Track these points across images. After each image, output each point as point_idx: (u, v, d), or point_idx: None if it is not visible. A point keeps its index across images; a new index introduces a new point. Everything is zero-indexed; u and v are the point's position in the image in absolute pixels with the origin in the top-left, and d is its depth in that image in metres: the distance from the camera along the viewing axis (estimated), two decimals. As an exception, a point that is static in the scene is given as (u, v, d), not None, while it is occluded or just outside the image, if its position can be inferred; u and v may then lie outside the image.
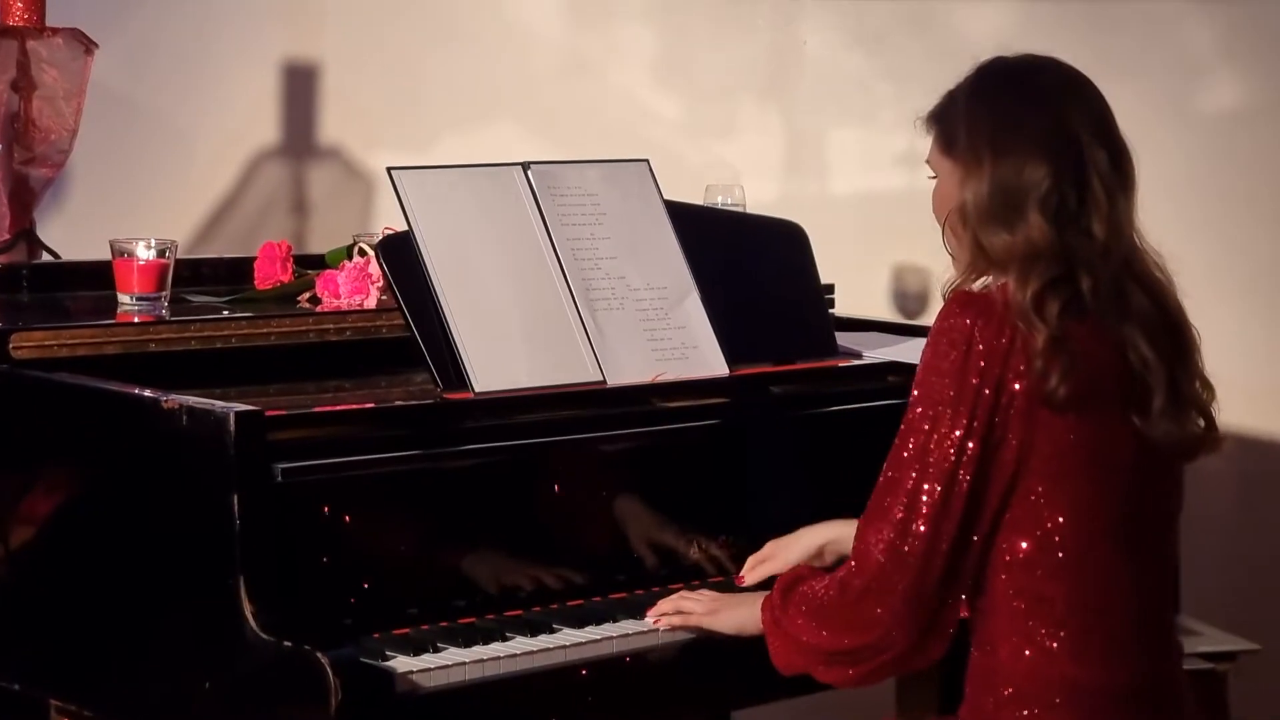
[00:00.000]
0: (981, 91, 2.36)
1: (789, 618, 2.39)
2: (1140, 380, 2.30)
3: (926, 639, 2.33)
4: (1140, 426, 2.31)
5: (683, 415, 2.76)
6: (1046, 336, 2.25)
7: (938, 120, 2.40)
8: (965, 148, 2.33)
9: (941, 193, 2.39)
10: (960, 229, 2.34)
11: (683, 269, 2.85)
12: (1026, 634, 2.31)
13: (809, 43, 4.30)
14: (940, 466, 2.27)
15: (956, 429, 2.27)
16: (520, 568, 2.57)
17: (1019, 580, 2.31)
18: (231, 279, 3.12)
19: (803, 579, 2.43)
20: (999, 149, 2.30)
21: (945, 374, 2.28)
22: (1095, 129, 2.32)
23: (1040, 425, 2.28)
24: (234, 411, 2.33)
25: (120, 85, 4.05)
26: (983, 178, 2.30)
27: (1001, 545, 2.31)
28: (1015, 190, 2.29)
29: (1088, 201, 2.30)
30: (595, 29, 4.33)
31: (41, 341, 2.61)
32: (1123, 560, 2.32)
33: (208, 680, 2.35)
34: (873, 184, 4.29)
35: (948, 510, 2.28)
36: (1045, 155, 2.29)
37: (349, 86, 4.26)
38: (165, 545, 2.42)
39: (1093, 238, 2.29)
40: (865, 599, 2.31)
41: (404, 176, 2.68)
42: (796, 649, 2.39)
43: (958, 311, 2.29)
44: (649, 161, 2.91)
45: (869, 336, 3.25)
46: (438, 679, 2.34)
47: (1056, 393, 2.25)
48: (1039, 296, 2.26)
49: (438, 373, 2.60)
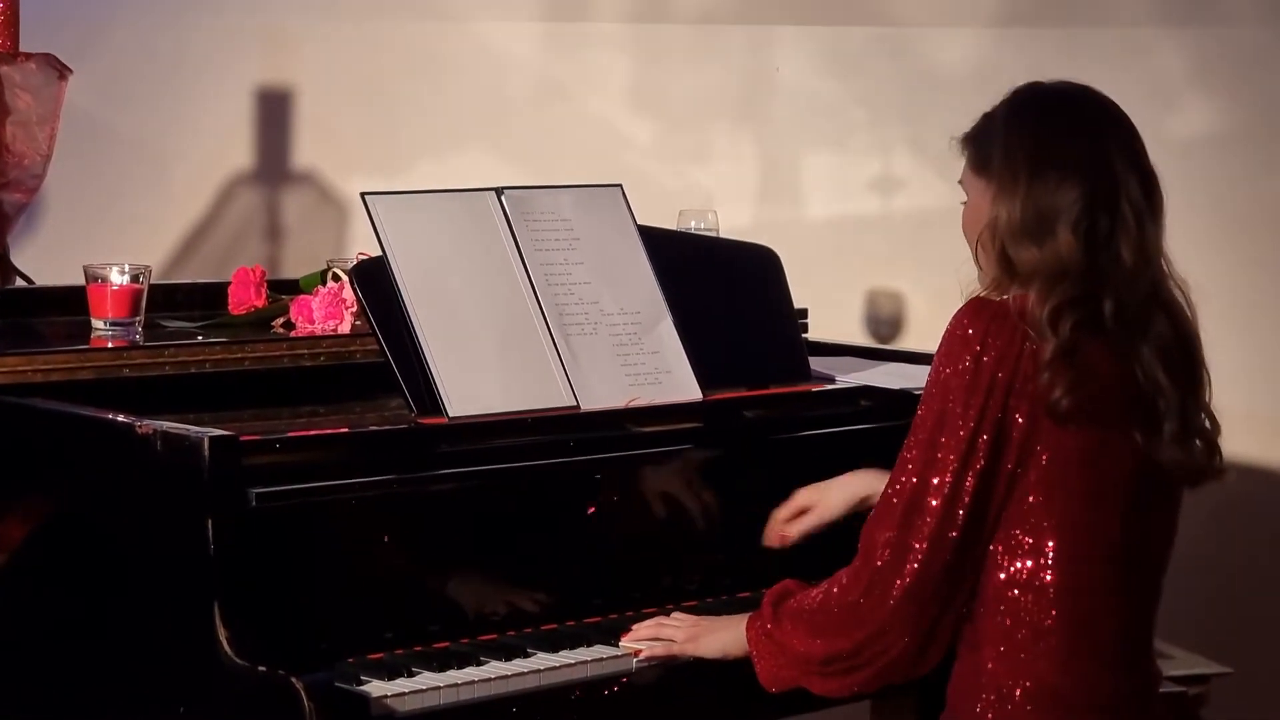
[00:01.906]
0: (1020, 114, 2.39)
1: (781, 629, 2.40)
2: (1150, 402, 2.33)
3: (926, 644, 2.34)
4: (1147, 449, 2.32)
5: (656, 440, 2.76)
6: (1055, 347, 2.28)
7: (973, 141, 2.43)
8: (1001, 167, 2.36)
9: (973, 212, 2.42)
10: (989, 243, 2.37)
11: (656, 294, 2.86)
12: (1012, 642, 2.32)
13: (782, 69, 4.31)
14: (946, 470, 2.30)
15: (964, 433, 2.29)
16: (495, 592, 2.57)
17: (1008, 589, 2.32)
18: (206, 304, 3.12)
19: (791, 592, 2.44)
20: (1035, 170, 2.33)
21: (954, 379, 2.30)
22: (1128, 157, 2.36)
23: (1042, 435, 2.30)
24: (208, 436, 2.33)
25: (95, 110, 4.05)
26: (1016, 196, 2.34)
27: (996, 551, 2.33)
28: (1048, 210, 2.32)
29: (1118, 226, 2.33)
30: (569, 55, 4.34)
31: (15, 367, 2.61)
32: (1114, 577, 2.34)
33: (182, 705, 2.34)
34: (846, 209, 4.31)
35: (952, 513, 2.30)
36: (1079, 178, 2.33)
37: (324, 112, 4.26)
38: (140, 571, 2.41)
39: (1120, 262, 2.33)
40: (867, 597, 2.33)
41: (378, 202, 2.69)
42: (789, 660, 2.39)
43: (970, 318, 2.32)
44: (622, 186, 2.92)
45: (842, 361, 3.26)
46: (412, 703, 2.34)
47: (1060, 404, 2.28)
48: (1057, 310, 2.29)
49: (412, 398, 2.61)
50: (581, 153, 4.24)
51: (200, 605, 2.30)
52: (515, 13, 4.28)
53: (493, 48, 4.32)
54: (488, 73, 4.31)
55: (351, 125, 4.27)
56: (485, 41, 4.32)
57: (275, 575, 2.38)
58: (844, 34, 4.28)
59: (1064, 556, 2.31)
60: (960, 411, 2.30)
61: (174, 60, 4.21)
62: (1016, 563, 2.32)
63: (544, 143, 4.26)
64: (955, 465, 2.29)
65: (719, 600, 2.74)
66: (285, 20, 4.29)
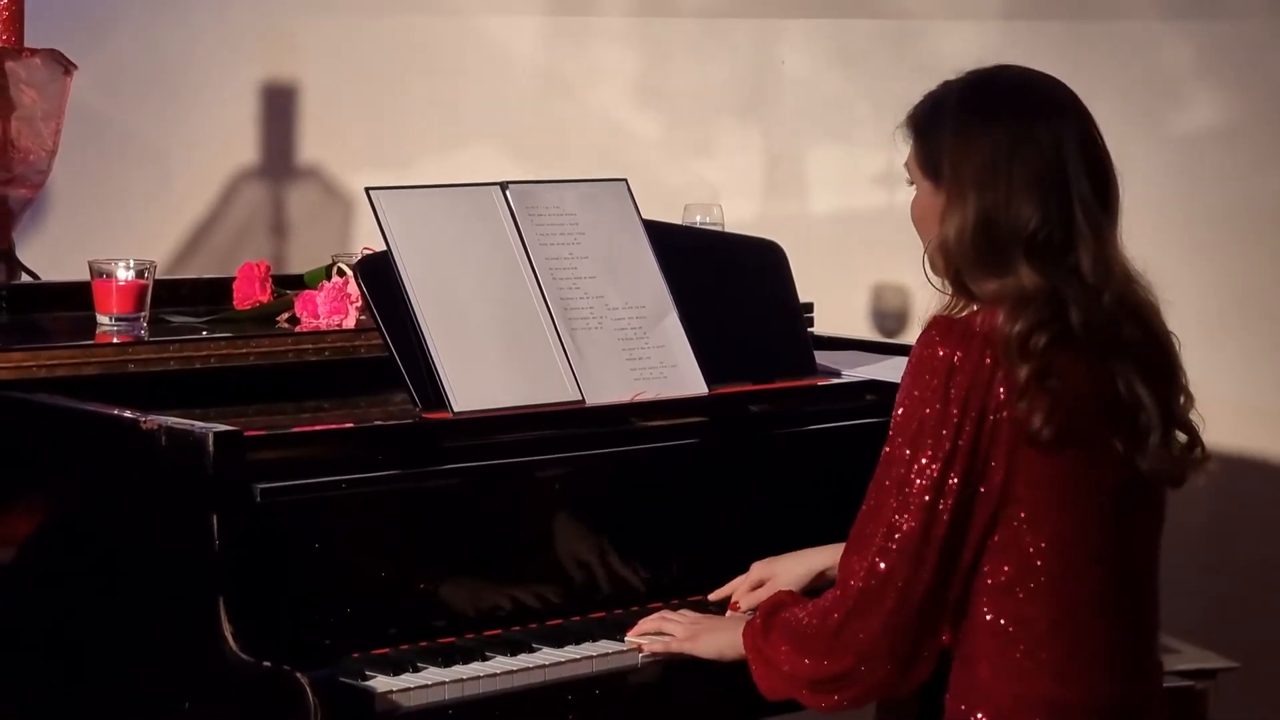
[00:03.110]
0: (967, 119, 2.31)
1: (771, 645, 2.39)
2: (1130, 412, 2.29)
3: (909, 666, 2.32)
4: (1129, 458, 2.29)
5: (661, 434, 2.76)
6: (1029, 373, 2.22)
7: (919, 132, 2.36)
8: (949, 181, 2.30)
9: (922, 208, 2.36)
10: (941, 264, 2.32)
11: (661, 288, 2.86)
12: (1007, 653, 2.31)
13: (787, 62, 4.31)
14: (920, 498, 2.26)
15: (937, 460, 2.25)
16: (500, 587, 2.57)
17: (1000, 601, 2.31)
18: (210, 299, 3.12)
19: (784, 605, 2.42)
20: (983, 185, 2.27)
21: (924, 404, 2.25)
22: (1080, 156, 2.29)
23: (1023, 457, 2.26)
24: (213, 432, 2.33)
25: (99, 106, 4.05)
26: (966, 220, 2.27)
27: (984, 568, 2.30)
28: (1000, 234, 2.26)
29: (1074, 238, 2.27)
30: (574, 49, 4.34)
31: (20, 362, 2.61)
32: (1105, 581, 2.32)
33: (187, 701, 2.34)
34: (851, 203, 4.30)
35: (928, 539, 2.26)
36: (1030, 195, 2.26)
37: (328, 107, 4.26)
38: (144, 566, 2.41)
39: (1080, 275, 2.27)
40: (846, 626, 2.30)
41: (382, 197, 2.69)
42: (779, 677, 2.38)
43: (936, 340, 2.26)
44: (627, 181, 2.91)
45: (848, 355, 3.26)
46: (417, 698, 2.34)
47: (1041, 433, 2.23)
48: (1026, 334, 2.23)
49: (416, 393, 2.61)
50: (586, 147, 4.23)
51: (205, 601, 2.30)
52: (519, 7, 4.28)
53: (497, 42, 4.31)
54: (492, 67, 4.31)
55: (356, 121, 4.27)
56: (489, 36, 4.32)
57: (280, 571, 2.38)
58: (849, 27, 4.27)
59: (1053, 569, 2.28)
60: (932, 439, 2.25)
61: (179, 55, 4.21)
62: (1005, 579, 2.29)
63: (549, 137, 4.26)
64: (930, 491, 2.25)
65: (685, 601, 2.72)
66: (289, 16, 4.29)
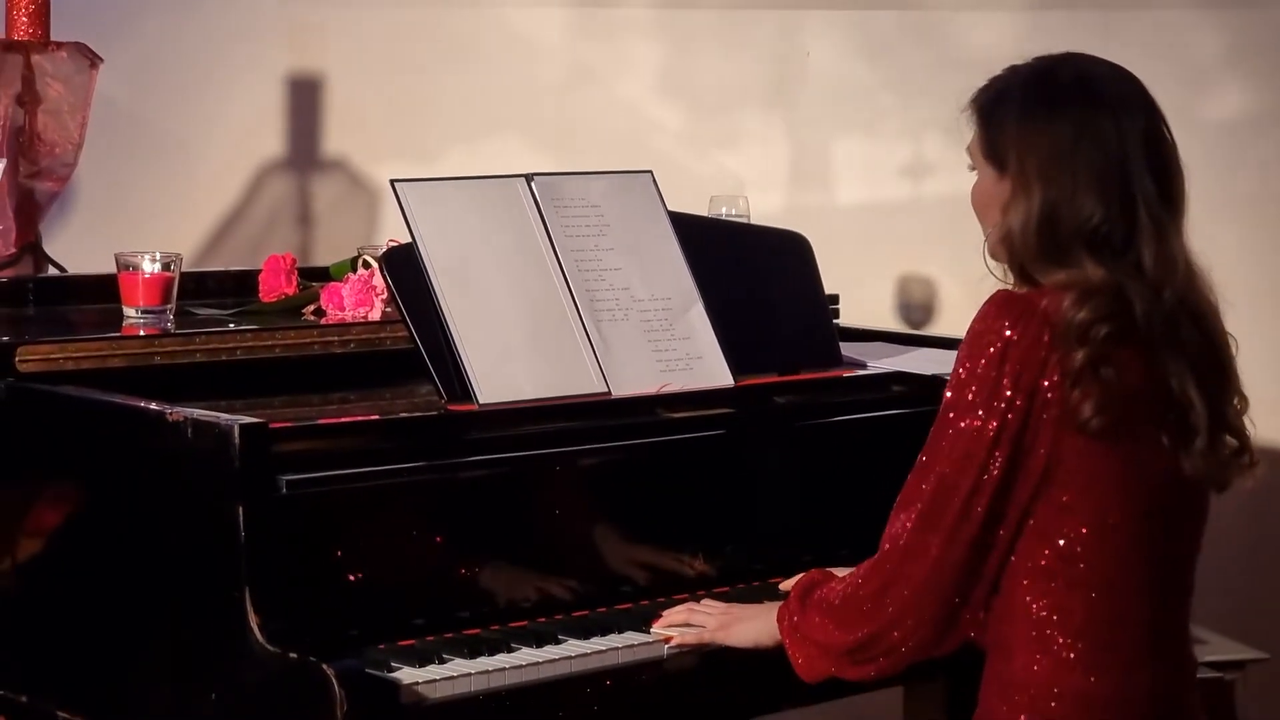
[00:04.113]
0: (1035, 108, 2.31)
1: (807, 620, 2.39)
2: (1180, 412, 2.29)
3: (944, 632, 2.33)
4: (1176, 456, 2.30)
5: (687, 426, 2.76)
6: (1084, 360, 2.24)
7: (984, 118, 2.36)
8: (1015, 171, 2.30)
9: (984, 195, 2.37)
10: (1003, 254, 2.33)
11: (687, 280, 2.85)
12: (1043, 643, 2.31)
13: (812, 53, 4.30)
14: (968, 463, 2.27)
15: (987, 430, 2.26)
16: (525, 579, 2.57)
17: (1039, 589, 2.31)
18: (236, 292, 3.12)
19: (819, 583, 2.43)
20: (1047, 179, 2.28)
21: (979, 374, 2.27)
22: (1144, 152, 2.30)
23: (1070, 442, 2.27)
24: (239, 424, 2.33)
25: (125, 99, 4.05)
26: (1031, 205, 2.28)
27: (1023, 552, 2.31)
28: (1062, 226, 2.27)
29: (1136, 234, 2.28)
30: (599, 41, 4.33)
31: (47, 355, 2.61)
32: (1145, 575, 2.32)
33: (213, 691, 2.35)
34: (877, 194, 4.29)
35: (971, 505, 2.28)
36: (1093, 190, 2.27)
37: (353, 99, 4.26)
38: (171, 557, 2.42)
39: (1143, 270, 2.28)
40: (883, 586, 2.32)
41: (408, 189, 2.68)
42: (817, 651, 2.39)
43: (995, 314, 2.28)
44: (653, 173, 2.91)
45: (873, 347, 3.25)
46: (443, 690, 2.34)
47: (1090, 423, 2.24)
48: (1088, 323, 2.24)
49: (442, 385, 2.60)
50: (611, 139, 4.23)
51: (231, 592, 2.30)
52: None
53: (522, 33, 4.31)
54: (517, 59, 4.30)
55: (381, 112, 4.27)
56: (514, 27, 4.32)
57: (306, 562, 2.38)
58: (874, 18, 4.26)
59: (1093, 560, 2.29)
60: (984, 407, 2.27)
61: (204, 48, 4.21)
62: (1045, 565, 2.30)
63: (573, 129, 4.26)
64: (978, 460, 2.27)
65: (750, 587, 2.73)
66: (314, 8, 4.29)
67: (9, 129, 3.57)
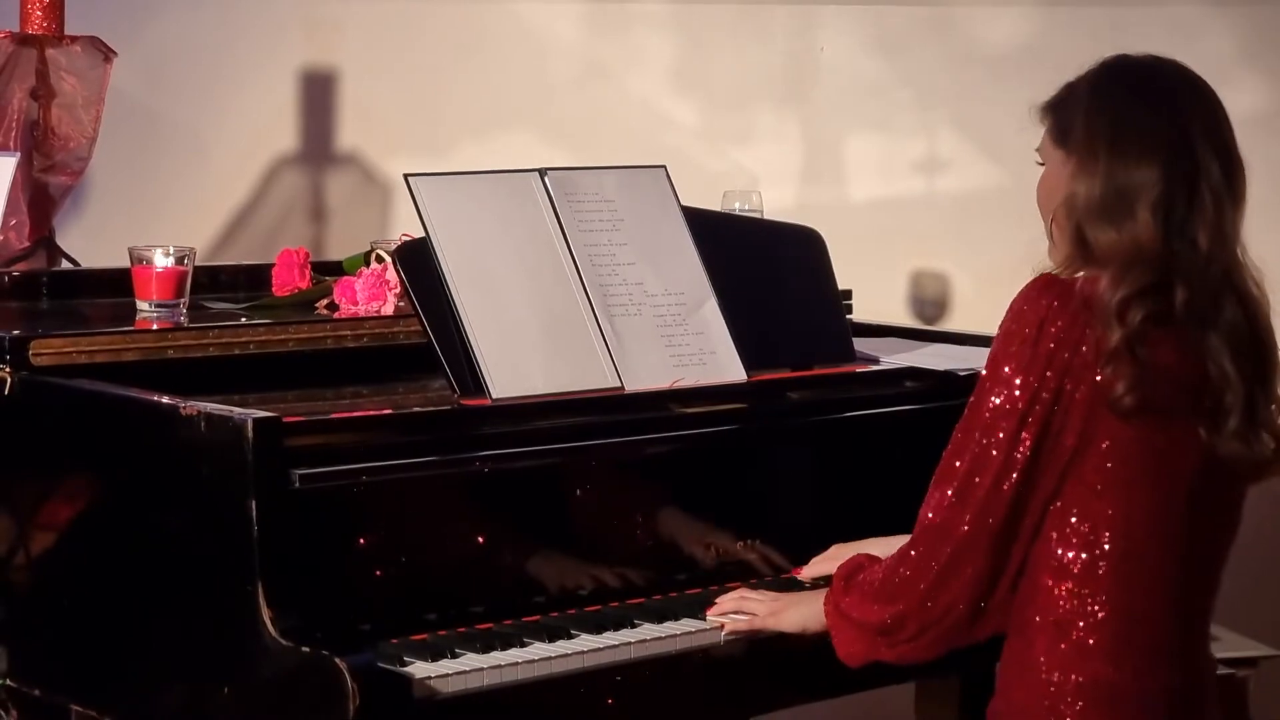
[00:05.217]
0: (1104, 88, 2.36)
1: (848, 601, 2.41)
2: (1216, 395, 2.30)
3: (977, 612, 2.34)
4: (1210, 442, 2.31)
5: (700, 421, 2.75)
6: (1121, 338, 2.26)
7: (1054, 111, 2.40)
8: (1082, 141, 2.34)
9: (1049, 183, 2.40)
10: (1064, 221, 2.35)
11: (700, 275, 2.85)
12: (1065, 631, 2.32)
13: (826, 49, 4.29)
14: (1001, 439, 2.29)
15: (1019, 407, 2.28)
16: (538, 573, 2.57)
17: (1064, 576, 2.31)
18: (249, 286, 3.12)
19: (864, 566, 2.45)
20: (1116, 147, 2.31)
21: (1014, 351, 2.30)
22: (1212, 138, 2.34)
23: (1102, 423, 2.29)
24: (252, 418, 2.33)
25: (139, 93, 4.06)
26: (1096, 174, 2.31)
27: (1050, 537, 2.32)
28: (1127, 189, 2.30)
29: (1196, 209, 2.30)
30: (613, 36, 4.33)
31: (61, 348, 2.62)
32: (1171, 568, 2.33)
33: (226, 685, 2.35)
34: (890, 190, 4.29)
35: (1001, 482, 2.29)
36: (1160, 159, 2.30)
37: (367, 94, 4.27)
38: (184, 551, 2.42)
39: (1197, 246, 2.30)
40: (919, 562, 2.33)
41: (421, 183, 2.68)
42: (856, 632, 2.40)
43: (1035, 294, 2.31)
44: (666, 168, 2.91)
45: (886, 342, 3.25)
46: (455, 684, 2.34)
47: (1122, 401, 2.26)
48: (1127, 300, 2.27)
49: (455, 379, 2.60)
50: (624, 133, 4.23)
51: (244, 586, 2.31)
52: (558, -7, 4.28)
53: (535, 28, 4.31)
54: (530, 53, 4.31)
55: (394, 107, 4.28)
56: (527, 22, 4.32)
57: (318, 556, 2.38)
58: (888, 13, 4.26)
59: (1120, 548, 2.30)
60: (1019, 383, 2.29)
61: (218, 43, 4.22)
62: (1071, 552, 2.31)
63: (587, 124, 4.26)
64: (1010, 434, 2.29)
65: (762, 581, 2.73)
66: (328, 3, 4.30)
67: (23, 123, 3.58)
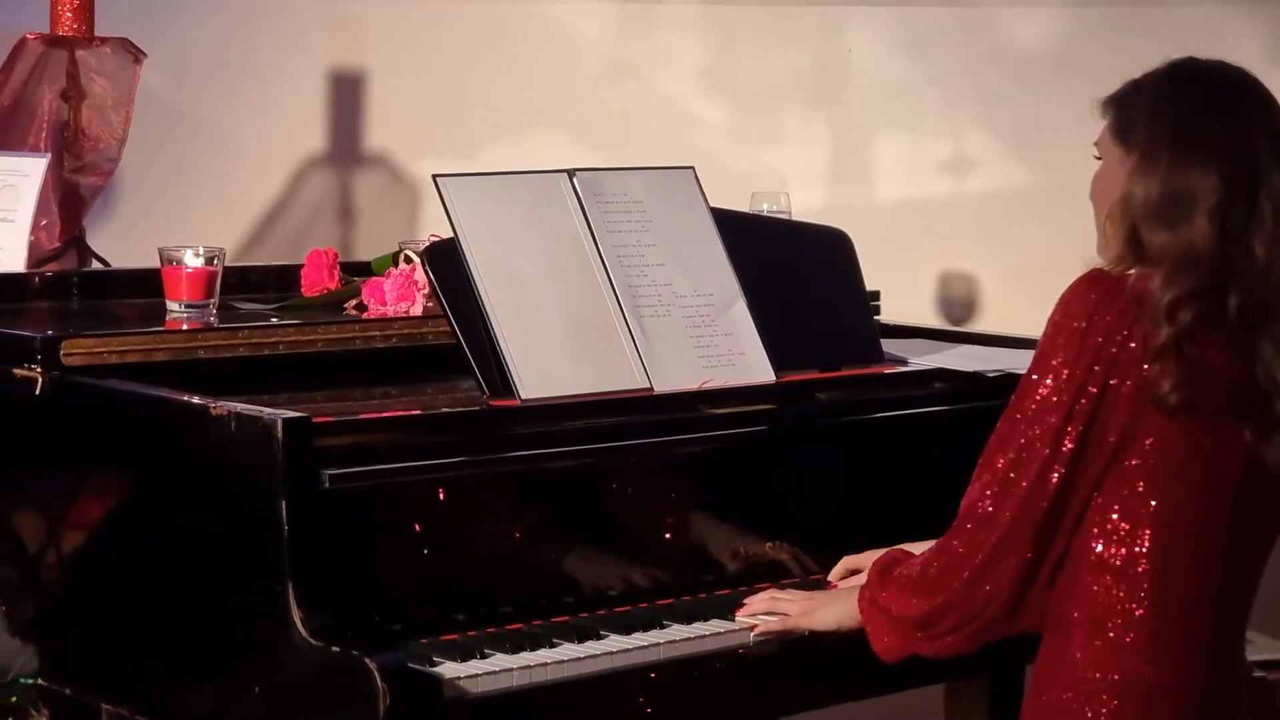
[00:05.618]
0: (1170, 89, 2.36)
1: (885, 594, 2.41)
2: (1265, 402, 2.30)
3: (1017, 605, 2.34)
4: (1257, 448, 2.30)
5: (729, 422, 2.75)
6: (1169, 335, 2.26)
7: (1116, 106, 2.40)
8: (1143, 141, 2.33)
9: (1105, 178, 2.39)
10: (1119, 218, 2.35)
11: (729, 276, 2.85)
12: (1101, 629, 2.31)
13: (854, 49, 4.29)
14: (1045, 431, 2.29)
15: (1065, 400, 2.28)
16: (567, 574, 2.57)
17: (1102, 572, 2.31)
18: (279, 286, 3.13)
19: (899, 560, 2.44)
20: (1178, 150, 2.31)
21: (1063, 345, 2.30)
22: (1275, 148, 2.33)
23: (1146, 420, 2.28)
24: (281, 418, 2.34)
25: (168, 94, 4.07)
26: (1155, 174, 2.31)
27: (1090, 532, 2.32)
28: (1186, 193, 2.30)
29: (1254, 218, 2.30)
30: (640, 36, 4.33)
31: (92, 349, 2.62)
32: (1212, 569, 2.33)
33: (256, 685, 2.36)
34: (918, 190, 4.28)
35: (1046, 475, 2.29)
36: (1221, 165, 2.30)
37: (394, 94, 4.27)
38: (214, 551, 2.43)
39: (1253, 254, 2.29)
40: (960, 554, 2.33)
41: (450, 184, 2.69)
42: (893, 626, 2.40)
43: (1085, 288, 2.31)
44: (694, 169, 2.91)
45: (914, 343, 3.24)
46: (485, 685, 2.34)
47: (1167, 398, 2.26)
48: (1178, 300, 2.26)
49: (484, 380, 2.61)
50: (652, 134, 4.23)
51: (274, 586, 2.31)
52: (586, -7, 4.28)
53: (563, 28, 4.31)
54: (558, 54, 4.31)
55: (422, 107, 4.28)
56: (556, 22, 4.32)
57: (348, 556, 2.38)
58: (916, 14, 4.25)
59: (1160, 547, 2.29)
60: (1066, 375, 2.29)
61: (246, 44, 4.23)
62: (1111, 548, 2.31)
63: (615, 124, 4.26)
64: (1055, 426, 2.29)
65: (793, 583, 2.72)
66: (355, 3, 4.30)
67: (53, 124, 3.60)
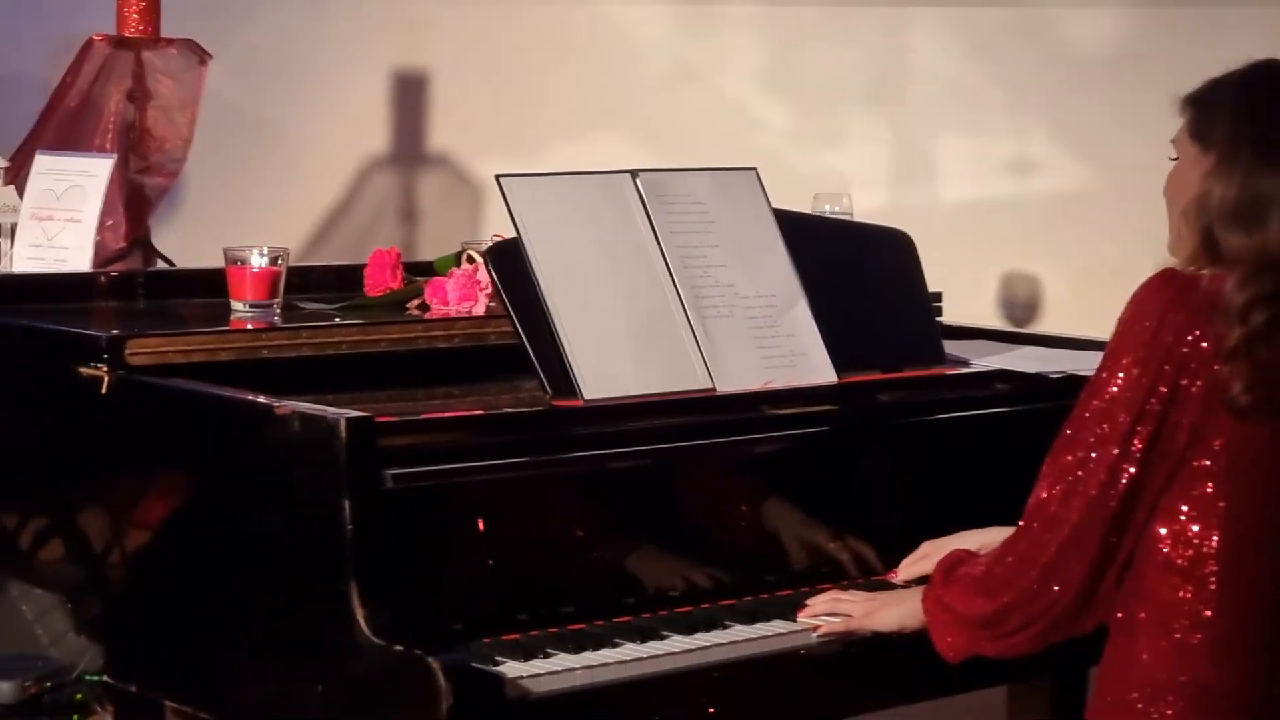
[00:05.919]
0: (1251, 91, 2.35)
1: (950, 594, 2.40)
2: None
3: (1085, 603, 2.33)
4: None
5: (791, 423, 2.75)
6: (1241, 337, 2.25)
7: (1195, 104, 2.38)
8: (1222, 142, 2.32)
9: (1181, 177, 2.38)
10: (1194, 218, 2.34)
11: (791, 277, 2.85)
12: (1167, 630, 2.31)
13: (917, 50, 4.28)
14: (1115, 430, 2.28)
15: (1137, 398, 2.28)
16: (629, 574, 2.57)
17: (1170, 572, 2.31)
18: (342, 286, 3.14)
19: (962, 560, 2.44)
20: (1258, 153, 2.30)
21: (1134, 345, 2.29)
22: None
23: (1216, 421, 2.28)
24: (345, 418, 2.35)
25: (233, 95, 4.10)
26: (1234, 176, 2.30)
27: (1158, 533, 2.31)
28: (1264, 197, 2.29)
29: None
30: (703, 37, 4.33)
31: (157, 348, 2.64)
32: (1276, 571, 2.31)
33: (320, 683, 2.36)
34: (981, 192, 4.27)
35: (1116, 475, 2.29)
36: None
37: (458, 95, 4.28)
38: (278, 550, 2.44)
39: None
40: (1027, 553, 2.32)
41: (513, 184, 2.69)
42: (957, 625, 2.39)
43: (1158, 287, 2.30)
44: (757, 170, 2.91)
45: (977, 345, 3.23)
46: (547, 684, 2.35)
47: (1238, 400, 2.26)
48: (1252, 302, 2.26)
49: (547, 380, 2.61)
50: (715, 135, 4.23)
51: (337, 585, 2.32)
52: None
53: (625, 30, 4.32)
54: (621, 55, 4.31)
55: (485, 108, 4.29)
56: (618, 23, 4.32)
57: (411, 556, 2.39)
58: (980, 15, 4.24)
59: (1229, 549, 2.28)
60: (1137, 374, 2.28)
61: (311, 45, 4.25)
62: (1179, 548, 2.29)
63: (677, 125, 4.26)
64: (1126, 425, 2.28)
65: (854, 583, 2.72)
66: (421, 5, 4.32)
67: (120, 125, 3.62)
